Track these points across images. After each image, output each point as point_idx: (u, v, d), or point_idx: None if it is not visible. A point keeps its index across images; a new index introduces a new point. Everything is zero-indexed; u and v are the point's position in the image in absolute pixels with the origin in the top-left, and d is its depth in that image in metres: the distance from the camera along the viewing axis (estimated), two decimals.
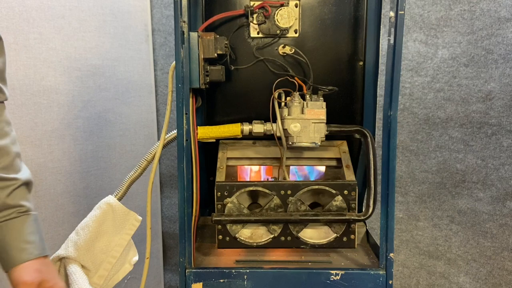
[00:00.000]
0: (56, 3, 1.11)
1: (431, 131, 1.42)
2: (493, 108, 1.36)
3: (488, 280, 1.46)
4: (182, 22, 0.77)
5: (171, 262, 1.68)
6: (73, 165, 1.21)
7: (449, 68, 1.37)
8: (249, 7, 0.88)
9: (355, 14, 0.92)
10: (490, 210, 1.41)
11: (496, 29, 1.31)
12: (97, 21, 1.24)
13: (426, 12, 1.36)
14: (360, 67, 0.95)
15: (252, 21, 0.89)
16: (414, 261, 1.52)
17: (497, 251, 1.43)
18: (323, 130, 0.85)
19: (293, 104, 0.84)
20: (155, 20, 1.49)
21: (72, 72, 1.17)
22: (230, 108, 0.98)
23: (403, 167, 1.47)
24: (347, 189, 0.84)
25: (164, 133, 0.88)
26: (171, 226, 1.66)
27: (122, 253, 0.87)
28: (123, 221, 0.88)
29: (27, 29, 1.04)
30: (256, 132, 0.88)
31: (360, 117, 0.98)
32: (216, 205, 0.85)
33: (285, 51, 0.92)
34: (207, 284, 0.82)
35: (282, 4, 0.89)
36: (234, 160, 0.97)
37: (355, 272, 0.82)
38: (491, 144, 1.38)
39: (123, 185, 0.91)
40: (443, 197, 1.45)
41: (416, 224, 1.50)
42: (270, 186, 0.85)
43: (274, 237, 0.86)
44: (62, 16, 1.13)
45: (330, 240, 0.86)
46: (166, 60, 1.51)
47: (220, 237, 0.86)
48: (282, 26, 0.90)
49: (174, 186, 1.61)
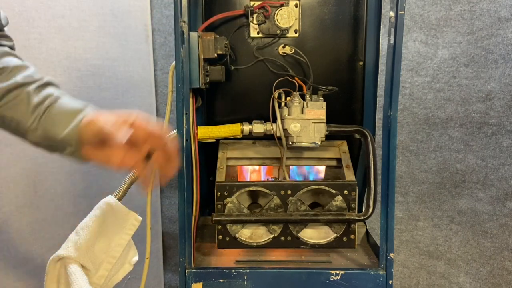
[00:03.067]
0: (56, 3, 1.11)
1: (431, 131, 1.42)
2: (493, 108, 1.36)
3: (488, 280, 1.46)
4: (182, 22, 0.77)
5: (171, 262, 1.68)
6: (73, 165, 1.21)
7: (449, 68, 1.37)
8: (249, 7, 0.87)
9: (355, 14, 0.92)
10: (490, 210, 1.41)
11: (496, 29, 1.32)
12: (97, 21, 1.24)
13: (426, 12, 1.36)
14: (360, 67, 0.95)
15: (252, 21, 0.89)
16: (414, 261, 1.52)
17: (497, 251, 1.43)
18: (323, 130, 0.85)
19: (293, 104, 0.84)
20: (155, 20, 1.49)
21: (72, 72, 1.17)
22: (230, 108, 0.98)
23: (403, 167, 1.47)
24: (347, 189, 0.84)
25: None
26: (171, 226, 1.66)
27: (122, 253, 0.87)
28: (123, 221, 0.88)
29: (27, 29, 1.04)
30: (256, 132, 0.88)
31: (360, 117, 0.98)
32: (216, 205, 0.85)
33: (285, 51, 0.92)
34: (207, 284, 0.82)
35: (282, 4, 0.89)
36: (234, 160, 0.97)
37: (355, 272, 0.82)
38: (491, 144, 1.38)
39: (123, 185, 0.91)
40: (443, 197, 1.45)
41: (416, 224, 1.50)
42: (270, 186, 0.85)
43: (274, 237, 0.86)
44: (62, 16, 1.13)
45: (330, 240, 0.86)
46: (166, 60, 1.51)
47: (220, 237, 0.86)
48: (282, 26, 0.90)
49: (174, 186, 1.61)
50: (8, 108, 0.65)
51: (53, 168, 1.15)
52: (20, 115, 0.65)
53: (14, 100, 0.65)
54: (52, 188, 1.15)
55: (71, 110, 0.66)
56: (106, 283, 0.86)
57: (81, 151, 0.65)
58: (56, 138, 0.64)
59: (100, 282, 0.85)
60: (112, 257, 0.86)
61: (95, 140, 0.63)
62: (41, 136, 0.65)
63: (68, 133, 0.64)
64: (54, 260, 0.82)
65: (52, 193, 1.15)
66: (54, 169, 1.15)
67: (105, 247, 0.85)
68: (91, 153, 0.65)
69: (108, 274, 0.85)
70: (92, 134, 0.62)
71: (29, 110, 0.65)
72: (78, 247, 0.82)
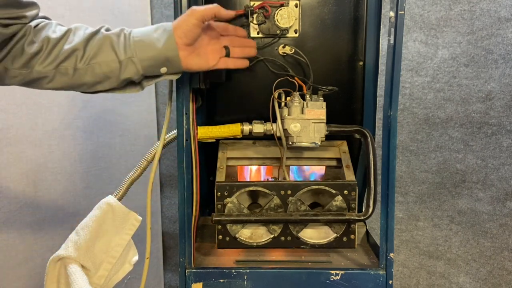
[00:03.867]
0: (56, 3, 1.11)
1: (431, 131, 1.42)
2: (493, 108, 1.36)
3: (488, 280, 1.46)
4: None
5: (171, 262, 1.69)
6: (73, 165, 1.21)
7: (449, 68, 1.37)
8: (249, 7, 0.87)
9: (355, 14, 0.92)
10: (490, 210, 1.41)
11: (496, 29, 1.32)
12: (97, 21, 1.24)
13: (426, 12, 1.36)
14: (360, 67, 0.95)
15: (252, 21, 0.89)
16: (414, 261, 1.52)
17: (497, 251, 1.43)
18: (323, 130, 0.85)
19: (293, 104, 0.84)
20: (155, 20, 1.49)
21: None
22: (230, 108, 0.98)
23: (403, 167, 1.47)
24: (347, 189, 0.84)
25: (164, 133, 0.88)
26: (171, 226, 1.66)
27: (122, 253, 0.87)
28: (123, 221, 0.88)
29: None
30: (256, 132, 0.88)
31: (360, 117, 0.98)
32: (216, 205, 0.85)
33: (285, 51, 0.92)
34: (207, 284, 0.82)
35: (282, 4, 0.89)
36: (234, 160, 0.97)
37: (355, 272, 0.82)
38: (491, 144, 1.38)
39: (123, 185, 0.91)
40: (443, 197, 1.45)
41: (416, 224, 1.50)
42: (270, 186, 0.85)
43: (274, 237, 0.86)
44: (62, 16, 1.13)
45: (330, 240, 0.86)
46: None
47: (220, 237, 0.86)
48: (282, 26, 0.90)
49: (174, 186, 1.61)
50: (94, 56, 0.66)
51: (53, 168, 1.15)
52: (108, 55, 0.66)
53: (96, 47, 0.66)
54: (52, 188, 1.15)
55: (152, 29, 0.68)
56: (106, 283, 0.86)
57: (179, 61, 0.68)
58: (155, 54, 0.66)
59: (100, 282, 0.85)
60: (112, 257, 0.86)
61: (192, 40, 0.68)
62: (139, 60, 0.66)
63: (166, 43, 0.66)
64: (54, 260, 0.82)
65: (52, 193, 1.15)
66: (54, 169, 1.15)
67: (105, 247, 0.85)
68: (188, 59, 0.69)
69: (108, 274, 0.86)
70: (190, 31, 0.67)
71: (114, 45, 0.66)
72: (78, 247, 0.82)
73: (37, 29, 0.67)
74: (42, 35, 0.66)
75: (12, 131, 1.04)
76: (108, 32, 0.68)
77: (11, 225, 1.06)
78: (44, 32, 0.67)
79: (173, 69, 0.70)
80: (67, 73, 0.66)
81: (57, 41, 0.66)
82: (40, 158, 1.11)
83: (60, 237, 0.84)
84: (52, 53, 0.65)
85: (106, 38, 0.67)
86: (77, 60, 0.66)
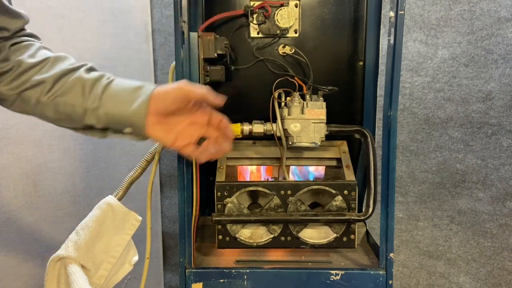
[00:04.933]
0: (56, 3, 1.11)
1: (431, 131, 1.42)
2: (493, 108, 1.36)
3: (488, 280, 1.46)
4: (182, 22, 0.77)
5: (171, 262, 1.69)
6: (73, 165, 1.21)
7: (449, 68, 1.37)
8: (249, 7, 0.87)
9: (355, 14, 0.92)
10: (490, 210, 1.41)
11: (496, 29, 1.32)
12: (97, 21, 1.24)
13: (426, 12, 1.36)
14: (360, 67, 0.95)
15: (252, 21, 0.89)
16: (414, 261, 1.52)
17: (497, 251, 1.43)
18: (323, 130, 0.85)
19: (293, 104, 0.84)
20: (155, 20, 1.49)
21: None
22: (230, 108, 0.98)
23: (403, 167, 1.47)
24: (347, 189, 0.84)
25: None
26: (171, 226, 1.66)
27: (122, 253, 0.87)
28: (123, 221, 0.88)
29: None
30: (256, 132, 0.88)
31: (360, 117, 0.98)
32: (216, 205, 0.85)
33: (285, 51, 0.92)
34: (207, 284, 0.82)
35: (282, 4, 0.89)
36: (234, 160, 0.97)
37: (355, 272, 0.82)
38: (491, 144, 1.38)
39: (123, 185, 0.91)
40: (443, 197, 1.45)
41: (416, 224, 1.50)
42: (270, 186, 0.85)
43: (274, 237, 0.86)
44: (62, 16, 1.13)
45: (330, 240, 0.86)
46: (166, 60, 1.51)
47: (220, 237, 0.86)
48: (282, 26, 0.90)
49: (174, 186, 1.61)
50: (62, 94, 0.63)
51: (53, 168, 1.15)
52: (76, 98, 0.63)
53: (66, 85, 0.63)
54: (52, 188, 1.15)
55: (133, 86, 0.65)
56: (106, 283, 0.86)
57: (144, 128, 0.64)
58: (123, 114, 0.63)
59: (100, 282, 0.85)
60: (112, 257, 0.86)
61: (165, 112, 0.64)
62: (104, 114, 0.63)
63: (137, 108, 0.63)
64: (54, 260, 0.82)
65: (52, 193, 1.15)
66: (54, 169, 1.15)
67: (105, 247, 0.85)
68: (154, 128, 0.65)
69: (108, 274, 0.85)
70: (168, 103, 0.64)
71: (85, 90, 0.63)
72: (78, 247, 0.82)
73: (16, 48, 0.64)
74: (17, 56, 0.63)
75: (12, 131, 1.04)
76: (87, 74, 0.65)
77: (11, 225, 1.06)
78: (20, 54, 0.63)
79: (137, 133, 0.66)
80: (29, 103, 0.63)
81: (30, 67, 0.63)
82: (40, 158, 1.11)
83: (60, 237, 0.83)
84: (20, 78, 0.62)
85: (80, 80, 0.64)
86: (42, 92, 0.62)
